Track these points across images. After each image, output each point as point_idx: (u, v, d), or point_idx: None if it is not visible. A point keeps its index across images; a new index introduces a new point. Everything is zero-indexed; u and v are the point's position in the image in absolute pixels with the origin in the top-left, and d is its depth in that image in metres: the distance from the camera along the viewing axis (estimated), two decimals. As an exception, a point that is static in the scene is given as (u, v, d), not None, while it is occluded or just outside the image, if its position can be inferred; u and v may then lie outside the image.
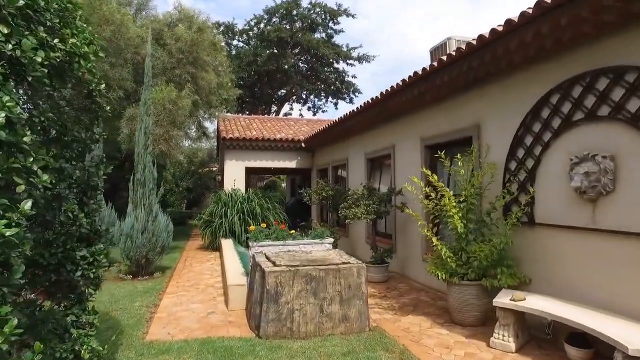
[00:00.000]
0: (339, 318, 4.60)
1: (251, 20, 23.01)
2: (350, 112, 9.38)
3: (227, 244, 9.69)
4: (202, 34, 10.53)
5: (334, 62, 24.14)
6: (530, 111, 4.78)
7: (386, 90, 7.44)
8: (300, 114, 26.61)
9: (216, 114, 14.13)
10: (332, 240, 5.92)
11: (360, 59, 24.31)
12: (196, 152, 29.51)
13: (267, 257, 5.08)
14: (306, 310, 4.50)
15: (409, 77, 6.57)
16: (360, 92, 25.18)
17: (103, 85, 2.93)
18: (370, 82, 55.55)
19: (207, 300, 5.94)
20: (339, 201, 10.11)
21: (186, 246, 12.24)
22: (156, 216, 7.44)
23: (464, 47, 5.71)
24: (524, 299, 4.07)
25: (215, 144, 27.65)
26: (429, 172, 5.39)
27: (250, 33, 23.32)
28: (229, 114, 16.82)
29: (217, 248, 11.04)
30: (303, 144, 14.15)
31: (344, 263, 4.83)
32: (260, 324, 4.39)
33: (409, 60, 57.26)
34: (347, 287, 4.67)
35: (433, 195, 5.34)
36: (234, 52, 22.21)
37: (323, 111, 26.70)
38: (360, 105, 8.67)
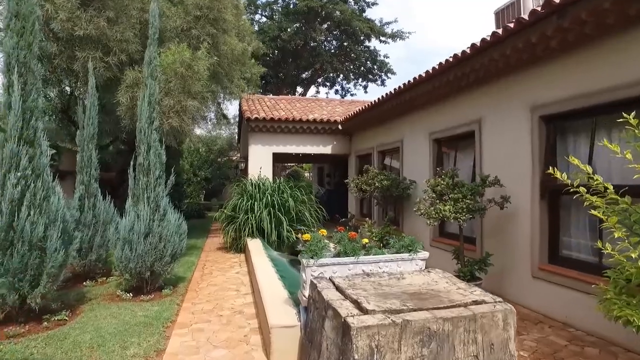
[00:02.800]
0: (474, 404, 2.58)
1: (276, -10, 20.86)
2: (414, 79, 7.26)
3: (256, 247, 7.76)
4: (223, -12, 8.51)
5: (366, 39, 21.83)
6: None
7: (482, 39, 5.32)
8: (327, 97, 24.46)
9: (238, 93, 12.19)
10: (426, 255, 3.89)
11: (394, 36, 21.95)
12: (215, 140, 27.88)
13: (340, 289, 3.07)
14: (419, 392, 2.49)
15: (533, 11, 4.42)
16: (393, 73, 22.84)
17: None
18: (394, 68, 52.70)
19: (236, 342, 3.99)
20: (395, 193, 8.08)
21: (205, 245, 10.39)
22: (165, 214, 5.52)
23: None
24: None
25: (237, 130, 25.89)
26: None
27: (274, 7, 21.17)
28: (251, 95, 14.88)
29: (242, 249, 9.16)
30: (340, 126, 12.11)
31: (475, 302, 2.79)
32: (339, 421, 2.40)
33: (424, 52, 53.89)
34: (488, 348, 2.64)
35: (610, 187, 3.22)
36: (256, 28, 20.15)
37: (352, 95, 24.52)
38: (434, 67, 6.54)
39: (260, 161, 11.71)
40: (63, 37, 6.60)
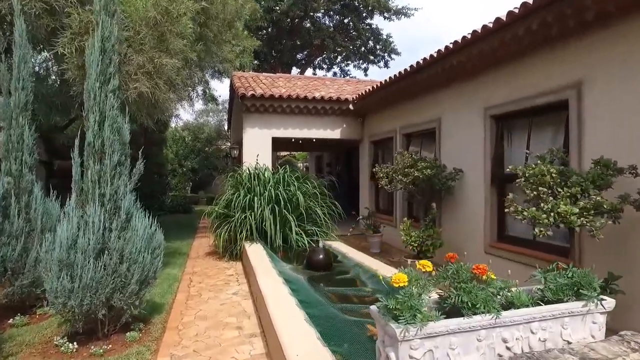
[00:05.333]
0: None
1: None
2: (473, 33, 5.43)
3: (258, 257, 5.91)
4: None
5: (369, 16, 19.84)
6: None
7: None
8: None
9: (229, 68, 10.26)
10: (612, 304, 2.12)
11: (399, 12, 20.02)
12: (202, 127, 25.79)
13: None
14: None
15: None
16: (397, 53, 20.94)
17: None
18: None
19: None
20: (438, 186, 6.31)
21: (191, 249, 8.51)
22: (129, 219, 3.63)
23: None
24: None
25: (226, 116, 23.85)
26: None
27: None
28: (245, 72, 12.93)
29: (239, 255, 7.33)
30: (351, 106, 10.25)
31: None
32: None
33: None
34: None
35: None
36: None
37: (351, 77, 22.56)
38: (511, 12, 4.71)
39: (257, 147, 9.80)
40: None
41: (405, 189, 6.45)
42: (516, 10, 4.62)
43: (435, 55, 6.29)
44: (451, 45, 5.89)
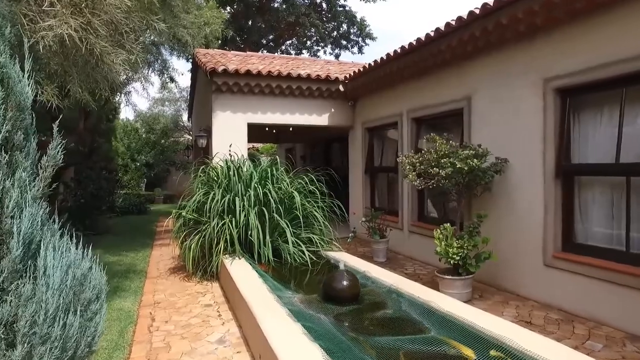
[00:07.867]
0: None
1: None
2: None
3: (248, 280, 4.22)
4: None
5: (343, -3, 18.29)
6: None
7: None
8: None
9: (191, 40, 8.36)
10: None
11: (374, -6, 18.63)
12: (157, 118, 23.31)
13: None
14: None
15: None
16: (373, 39, 19.52)
17: None
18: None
19: None
20: (484, 181, 4.90)
21: (149, 264, 6.64)
22: (32, 256, 1.87)
23: None
24: None
25: (186, 104, 21.62)
26: None
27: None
28: (210, 50, 11.00)
29: (215, 273, 5.59)
30: (341, 87, 8.70)
31: None
32: None
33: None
34: None
35: None
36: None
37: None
38: None
39: (229, 136, 8.02)
40: None
41: (436, 185, 4.97)
42: None
43: (478, 11, 4.83)
44: (504, -5, 4.45)
